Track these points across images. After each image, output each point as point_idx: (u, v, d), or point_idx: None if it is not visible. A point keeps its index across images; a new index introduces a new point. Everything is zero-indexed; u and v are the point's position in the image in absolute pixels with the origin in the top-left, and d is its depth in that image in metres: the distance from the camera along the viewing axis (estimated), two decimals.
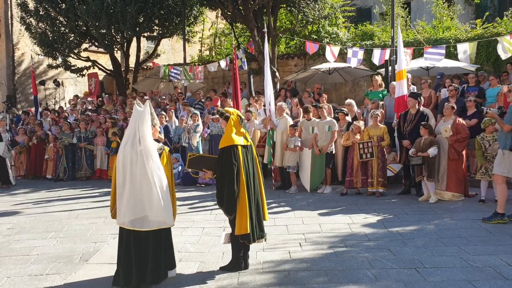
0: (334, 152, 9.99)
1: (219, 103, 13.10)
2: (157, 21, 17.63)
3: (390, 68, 12.21)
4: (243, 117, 5.55)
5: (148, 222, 4.77)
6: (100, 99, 16.82)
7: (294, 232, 6.82)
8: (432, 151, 8.30)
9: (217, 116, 11.28)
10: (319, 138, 9.85)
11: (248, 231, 5.13)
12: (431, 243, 6.06)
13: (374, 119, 9.39)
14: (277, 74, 14.52)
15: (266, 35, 11.48)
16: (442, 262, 5.33)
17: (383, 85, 11.83)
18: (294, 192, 9.93)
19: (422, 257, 5.52)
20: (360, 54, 12.06)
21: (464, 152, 8.66)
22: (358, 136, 9.37)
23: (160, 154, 4.93)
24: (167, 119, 12.29)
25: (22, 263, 5.83)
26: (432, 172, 8.47)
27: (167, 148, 5.11)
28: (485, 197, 8.18)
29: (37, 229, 7.51)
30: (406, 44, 13.49)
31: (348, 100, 11.15)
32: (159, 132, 10.83)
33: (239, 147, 5.23)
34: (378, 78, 11.89)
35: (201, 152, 11.30)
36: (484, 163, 8.14)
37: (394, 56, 11.49)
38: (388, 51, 11.92)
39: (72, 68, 17.52)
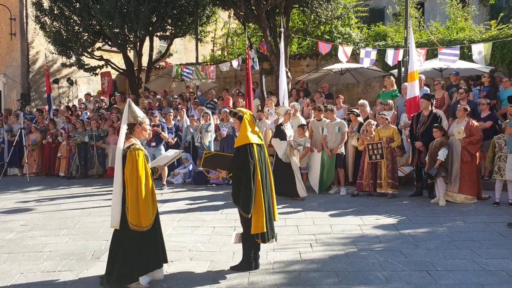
0: (344, 153, 9.95)
1: (231, 103, 13.08)
2: (170, 21, 17.69)
3: (403, 69, 12.13)
4: (255, 117, 5.54)
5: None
6: (113, 97, 16.92)
7: (305, 232, 6.81)
8: (441, 155, 8.21)
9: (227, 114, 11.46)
10: (329, 139, 9.80)
11: (265, 230, 5.13)
12: (443, 245, 6.02)
13: (381, 120, 9.34)
14: (288, 74, 14.50)
15: (282, 34, 11.46)
16: (454, 265, 5.29)
17: (395, 85, 11.76)
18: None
19: (434, 260, 5.48)
20: (373, 54, 12.01)
21: (477, 154, 8.56)
22: (373, 134, 9.30)
23: (124, 154, 4.73)
24: (178, 118, 12.33)
25: (35, 259, 5.90)
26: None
27: (134, 147, 4.74)
28: (499, 200, 8.08)
29: (50, 226, 7.59)
30: (420, 45, 13.38)
31: (361, 101, 11.10)
32: (163, 131, 10.90)
33: (255, 146, 5.24)
34: (391, 79, 11.83)
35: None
36: (492, 165, 8.03)
37: (407, 57, 11.42)
38: (401, 52, 11.84)
39: (86, 67, 17.64)
